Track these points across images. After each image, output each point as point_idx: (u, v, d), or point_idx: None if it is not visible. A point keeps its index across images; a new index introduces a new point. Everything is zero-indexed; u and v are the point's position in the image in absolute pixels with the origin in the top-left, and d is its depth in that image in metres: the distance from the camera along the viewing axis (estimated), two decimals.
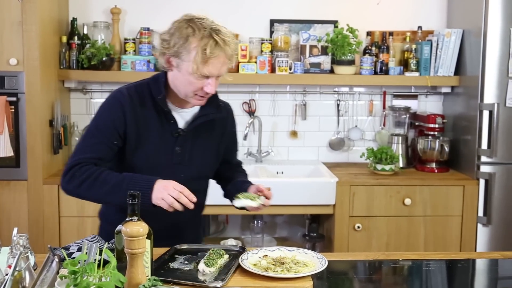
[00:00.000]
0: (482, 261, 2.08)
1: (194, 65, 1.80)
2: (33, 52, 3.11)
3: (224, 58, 1.83)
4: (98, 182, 1.83)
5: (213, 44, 1.80)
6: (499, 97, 3.30)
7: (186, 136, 1.97)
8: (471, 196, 3.35)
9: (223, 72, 1.87)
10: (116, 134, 1.90)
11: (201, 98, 1.89)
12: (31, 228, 3.19)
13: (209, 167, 2.10)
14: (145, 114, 1.93)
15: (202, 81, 1.84)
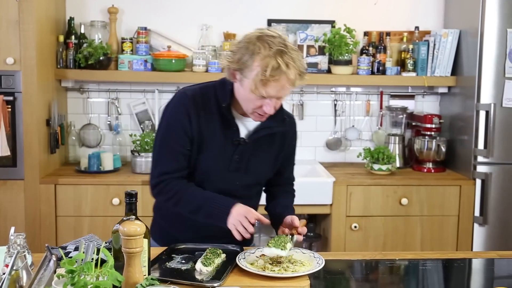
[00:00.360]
0: (478, 260, 2.09)
1: (253, 84, 1.77)
2: (30, 51, 3.10)
3: (285, 81, 1.77)
4: (182, 202, 1.92)
5: (275, 66, 1.74)
6: (496, 98, 3.30)
7: (246, 145, 1.96)
8: (467, 196, 3.36)
9: (283, 95, 1.82)
10: (187, 139, 1.92)
11: (260, 116, 1.87)
12: (28, 228, 3.18)
13: (264, 177, 2.09)
14: (209, 118, 1.92)
15: (261, 100, 1.80)
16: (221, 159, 1.95)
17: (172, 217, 2.02)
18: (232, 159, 1.96)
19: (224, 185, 1.97)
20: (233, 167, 1.97)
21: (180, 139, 1.91)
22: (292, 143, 2.12)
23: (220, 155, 1.95)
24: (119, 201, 3.21)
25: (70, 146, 3.72)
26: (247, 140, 1.96)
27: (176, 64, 3.49)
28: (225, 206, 1.88)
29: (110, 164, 3.44)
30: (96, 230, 3.16)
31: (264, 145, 1.99)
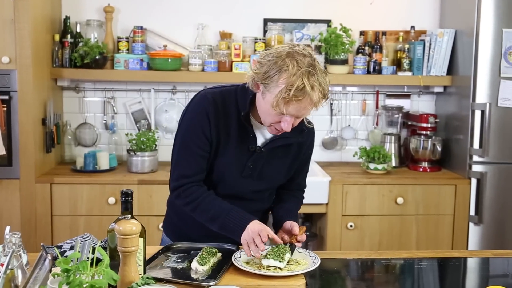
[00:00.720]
0: (473, 259, 2.09)
1: (275, 101, 1.73)
2: (26, 50, 3.10)
3: (307, 103, 1.73)
4: (199, 209, 1.92)
5: (300, 86, 1.69)
6: (491, 97, 3.31)
7: (261, 154, 1.95)
8: (463, 195, 3.37)
9: (303, 115, 1.80)
10: (207, 142, 1.91)
11: (276, 131, 1.84)
12: (24, 227, 3.18)
13: (277, 183, 2.08)
14: (228, 124, 1.91)
15: (280, 116, 1.77)
16: (235, 165, 1.94)
17: (185, 214, 2.01)
18: (246, 165, 1.95)
19: (236, 189, 1.98)
20: (246, 173, 1.96)
21: (201, 141, 1.90)
22: (308, 151, 2.09)
23: (235, 161, 1.94)
24: (115, 200, 3.21)
25: (66, 145, 3.71)
26: (263, 149, 1.94)
27: (172, 63, 3.49)
28: (241, 221, 1.87)
29: (106, 163, 3.44)
30: (92, 229, 3.16)
31: (279, 154, 1.98)
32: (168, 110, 3.72)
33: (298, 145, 2.02)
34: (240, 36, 3.65)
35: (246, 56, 3.60)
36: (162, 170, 3.43)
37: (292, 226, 1.96)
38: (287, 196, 2.15)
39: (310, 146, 2.08)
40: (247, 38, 3.65)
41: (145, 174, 3.36)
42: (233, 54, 3.54)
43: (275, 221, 2.09)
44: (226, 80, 3.34)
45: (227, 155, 1.93)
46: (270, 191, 2.11)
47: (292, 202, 2.15)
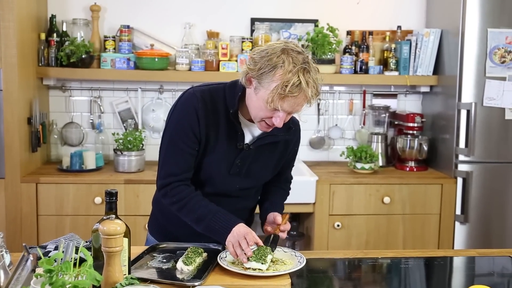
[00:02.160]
0: (459, 258, 2.10)
1: (270, 97, 1.73)
2: (11, 49, 3.07)
3: (302, 99, 1.76)
4: (185, 210, 1.91)
5: (296, 82, 1.71)
6: (477, 97, 3.34)
7: (249, 151, 1.95)
8: (449, 195, 3.39)
9: (297, 111, 1.81)
10: (196, 140, 1.90)
11: (267, 127, 1.84)
12: (9, 227, 3.15)
13: (264, 180, 2.09)
14: (216, 121, 1.91)
15: (272, 112, 1.78)
16: (223, 163, 1.94)
17: (171, 213, 2.00)
18: (234, 163, 1.95)
19: (223, 187, 1.98)
20: (234, 170, 1.96)
21: (189, 139, 1.89)
22: (295, 148, 2.11)
23: (223, 159, 1.94)
24: (101, 200, 3.19)
25: (52, 144, 3.69)
26: (251, 147, 1.95)
27: (159, 62, 3.47)
28: (227, 223, 1.87)
29: (92, 163, 3.42)
30: (78, 229, 3.14)
31: (266, 151, 1.99)
32: (155, 110, 3.71)
33: (285, 142, 2.03)
34: (228, 36, 3.64)
35: (233, 55, 3.59)
36: (149, 169, 3.42)
37: (274, 217, 1.98)
38: (275, 189, 2.17)
39: (296, 143, 2.10)
40: (234, 37, 3.64)
41: (132, 173, 3.34)
42: (220, 54, 3.53)
43: (261, 214, 2.11)
44: (213, 80, 3.32)
45: (215, 152, 1.92)
46: (257, 189, 2.11)
47: (278, 194, 2.17)
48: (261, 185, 2.14)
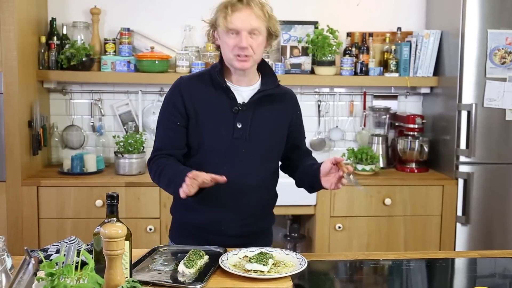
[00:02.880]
0: (460, 260, 2.10)
1: (221, 21, 1.91)
2: (11, 52, 3.07)
3: (248, 13, 1.90)
4: (162, 176, 1.97)
5: (235, 0, 1.90)
6: (477, 98, 3.33)
7: (246, 111, 2.00)
8: (450, 196, 3.38)
9: (252, 26, 1.91)
10: (178, 114, 1.99)
11: (241, 59, 1.93)
12: (10, 230, 3.15)
13: (271, 144, 2.07)
14: (205, 92, 2.00)
15: (235, 38, 1.91)
16: (224, 128, 1.99)
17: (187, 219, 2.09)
18: (234, 127, 1.99)
19: (232, 156, 1.99)
20: (236, 134, 1.99)
21: (171, 115, 1.99)
22: (296, 112, 2.15)
23: (222, 125, 1.99)
24: (102, 202, 3.19)
25: (53, 147, 3.69)
26: (245, 105, 2.00)
27: (160, 65, 3.47)
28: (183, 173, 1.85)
29: (93, 166, 3.42)
30: (79, 232, 3.14)
31: (264, 111, 2.03)
32: (155, 112, 3.71)
33: (282, 102, 2.08)
34: None
35: None
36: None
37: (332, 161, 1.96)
38: (302, 160, 2.16)
39: (295, 106, 2.15)
40: None
41: (132, 176, 3.34)
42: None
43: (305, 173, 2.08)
44: None
45: (212, 121, 1.99)
46: (270, 167, 2.09)
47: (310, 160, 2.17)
48: (273, 162, 2.11)
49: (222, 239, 2.03)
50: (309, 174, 2.05)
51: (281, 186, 3.35)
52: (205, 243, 2.01)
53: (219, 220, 2.04)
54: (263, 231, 2.17)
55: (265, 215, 2.16)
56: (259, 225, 2.13)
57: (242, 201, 2.03)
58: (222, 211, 2.03)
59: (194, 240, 2.05)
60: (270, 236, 2.23)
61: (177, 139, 2.01)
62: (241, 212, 2.05)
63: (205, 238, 2.04)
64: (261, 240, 2.11)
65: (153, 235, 3.22)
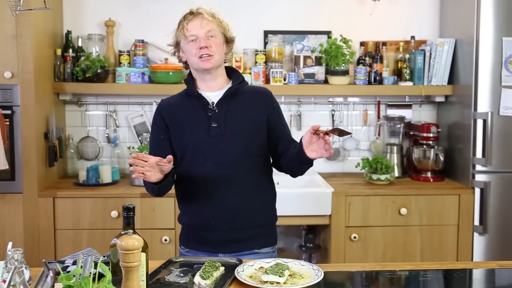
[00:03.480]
0: (478, 270, 2.08)
1: (180, 34, 2.15)
2: (28, 65, 3.11)
3: (200, 20, 2.12)
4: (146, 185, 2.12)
5: (188, 13, 2.16)
6: (493, 106, 3.31)
7: (219, 111, 2.14)
8: (466, 205, 3.35)
9: (206, 29, 2.12)
10: (160, 129, 2.19)
11: (204, 59, 2.11)
12: (27, 241, 3.18)
13: (248, 136, 2.16)
14: (180, 104, 2.19)
15: (195, 43, 2.11)
16: (201, 130, 2.13)
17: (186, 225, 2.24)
18: (210, 126, 2.12)
19: (212, 153, 2.11)
20: (213, 133, 2.12)
21: (155, 131, 2.21)
22: (272, 104, 2.24)
23: (199, 127, 2.14)
24: (117, 213, 3.20)
25: (69, 159, 3.72)
26: (217, 105, 2.14)
27: (174, 76, 3.49)
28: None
29: (108, 177, 3.44)
30: (94, 243, 3.15)
31: (237, 109, 2.16)
32: None
33: (254, 98, 2.21)
34: (241, 48, 3.65)
35: (247, 68, 3.61)
36: None
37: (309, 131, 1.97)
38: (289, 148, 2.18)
39: (270, 99, 2.25)
40: (247, 50, 3.66)
41: None
42: (234, 66, 3.54)
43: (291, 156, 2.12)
44: None
45: (190, 126, 2.15)
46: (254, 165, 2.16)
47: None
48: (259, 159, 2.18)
49: (215, 235, 2.14)
50: (293, 153, 2.10)
51: (295, 196, 3.36)
52: (203, 242, 2.15)
53: (208, 216, 2.14)
54: (259, 226, 2.21)
55: (258, 209, 2.19)
56: (251, 220, 2.17)
57: (228, 194, 2.13)
58: (210, 207, 2.14)
59: (194, 240, 2.19)
60: (272, 235, 2.27)
61: (162, 150, 2.13)
62: (228, 206, 2.13)
63: (202, 237, 2.17)
64: (261, 237, 2.20)
65: (168, 246, 3.23)
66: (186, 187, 2.18)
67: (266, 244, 2.22)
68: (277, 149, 2.21)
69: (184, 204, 2.22)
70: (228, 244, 2.15)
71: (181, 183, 2.19)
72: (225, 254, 2.13)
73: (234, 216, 2.14)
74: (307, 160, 2.03)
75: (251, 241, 2.17)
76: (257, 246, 2.19)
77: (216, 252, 2.15)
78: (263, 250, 2.20)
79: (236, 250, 2.15)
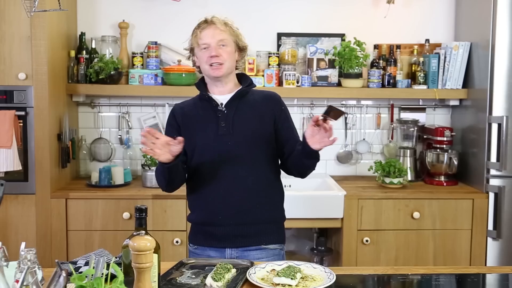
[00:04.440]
0: (492, 275, 2.05)
1: (194, 41, 2.25)
2: (42, 66, 3.13)
3: (213, 29, 2.21)
4: (157, 169, 2.26)
5: (202, 22, 2.26)
6: (508, 110, 3.28)
7: (228, 112, 2.23)
8: (480, 210, 3.32)
9: (218, 38, 2.20)
10: (174, 130, 2.27)
11: (215, 67, 2.20)
12: (39, 242, 3.19)
13: (255, 135, 2.23)
14: (193, 107, 2.30)
15: (207, 51, 2.20)
16: (210, 129, 2.22)
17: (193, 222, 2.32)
18: (219, 126, 2.22)
19: (221, 150, 2.20)
20: (221, 131, 2.21)
21: (167, 132, 2.29)
22: (280, 107, 2.30)
23: (208, 127, 2.23)
24: (129, 215, 3.21)
25: (81, 160, 3.73)
26: (226, 107, 2.23)
27: (186, 78, 3.50)
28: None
29: (120, 178, 3.44)
30: (106, 245, 3.16)
31: (246, 110, 2.25)
32: None
33: (263, 101, 2.28)
34: (254, 51, 3.65)
35: (260, 70, 3.60)
36: None
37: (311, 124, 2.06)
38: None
39: (278, 103, 2.32)
40: (261, 52, 3.66)
41: (159, 189, 3.33)
42: (247, 69, 3.55)
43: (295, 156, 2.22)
44: None
45: (200, 126, 2.24)
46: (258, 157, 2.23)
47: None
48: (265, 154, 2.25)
49: (222, 230, 2.21)
50: (299, 150, 2.18)
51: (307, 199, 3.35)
52: (210, 237, 2.22)
53: (215, 211, 2.21)
54: (266, 222, 2.25)
55: (264, 205, 2.24)
56: (257, 215, 2.22)
57: (234, 190, 2.20)
58: (217, 202, 2.21)
59: (201, 236, 2.26)
60: (279, 233, 2.32)
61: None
62: (235, 201, 2.20)
63: (209, 232, 2.23)
64: (268, 233, 2.26)
65: (180, 247, 3.23)
66: (195, 183, 2.27)
67: (273, 241, 2.26)
68: (284, 150, 2.28)
69: (193, 201, 2.31)
70: (235, 239, 2.20)
71: (191, 180, 2.29)
72: (232, 248, 2.19)
73: (241, 211, 2.20)
74: (313, 154, 2.11)
75: (258, 237, 2.22)
76: (264, 242, 2.23)
77: (223, 247, 2.20)
78: (270, 246, 2.24)
79: (243, 245, 2.21)
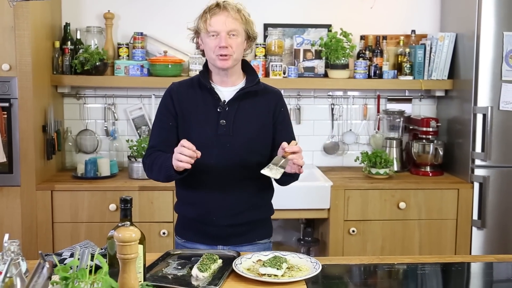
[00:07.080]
0: (476, 264, 2.07)
1: (202, 26, 2.07)
2: (26, 57, 3.10)
3: (225, 16, 2.04)
4: (154, 165, 2.11)
5: (213, 5, 2.07)
6: (493, 101, 3.30)
7: (229, 109, 2.11)
8: (465, 200, 3.35)
9: (229, 27, 2.04)
10: (170, 115, 2.14)
11: (222, 57, 2.06)
12: (24, 234, 3.17)
13: (255, 138, 2.14)
14: (192, 94, 2.15)
15: (215, 40, 2.05)
16: (208, 125, 2.11)
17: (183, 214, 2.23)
18: (218, 124, 2.10)
19: (217, 150, 2.09)
20: (220, 130, 2.10)
21: (164, 116, 2.16)
22: (281, 109, 2.21)
23: (207, 122, 2.11)
24: (115, 207, 3.20)
25: (67, 152, 3.71)
26: (228, 103, 2.11)
27: (173, 69, 3.48)
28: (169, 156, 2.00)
29: (107, 170, 3.43)
30: (93, 236, 3.15)
31: (248, 109, 2.14)
32: None
33: (266, 100, 2.17)
34: None
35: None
36: None
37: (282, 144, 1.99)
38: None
39: (280, 104, 2.22)
40: None
41: (146, 180, 3.34)
42: None
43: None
44: None
45: (198, 119, 2.12)
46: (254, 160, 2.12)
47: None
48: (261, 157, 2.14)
49: (216, 230, 2.14)
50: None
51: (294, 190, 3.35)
52: (202, 235, 2.15)
53: (209, 211, 2.14)
54: (258, 221, 2.23)
55: (258, 206, 2.22)
56: (251, 216, 2.19)
57: (230, 193, 2.13)
58: (212, 203, 2.13)
59: (192, 232, 2.19)
60: (267, 227, 2.30)
61: (169, 137, 2.14)
62: (230, 204, 2.14)
63: (201, 230, 2.17)
64: (258, 230, 2.23)
65: (167, 239, 3.22)
66: (189, 179, 2.11)
67: (264, 236, 2.25)
68: (272, 154, 2.16)
69: (185, 195, 2.20)
70: (228, 238, 2.16)
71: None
72: (224, 246, 2.15)
73: (235, 213, 2.14)
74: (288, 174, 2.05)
75: (250, 234, 2.20)
76: (256, 239, 2.21)
77: (215, 244, 2.16)
78: (262, 241, 2.23)
79: (236, 243, 2.16)
